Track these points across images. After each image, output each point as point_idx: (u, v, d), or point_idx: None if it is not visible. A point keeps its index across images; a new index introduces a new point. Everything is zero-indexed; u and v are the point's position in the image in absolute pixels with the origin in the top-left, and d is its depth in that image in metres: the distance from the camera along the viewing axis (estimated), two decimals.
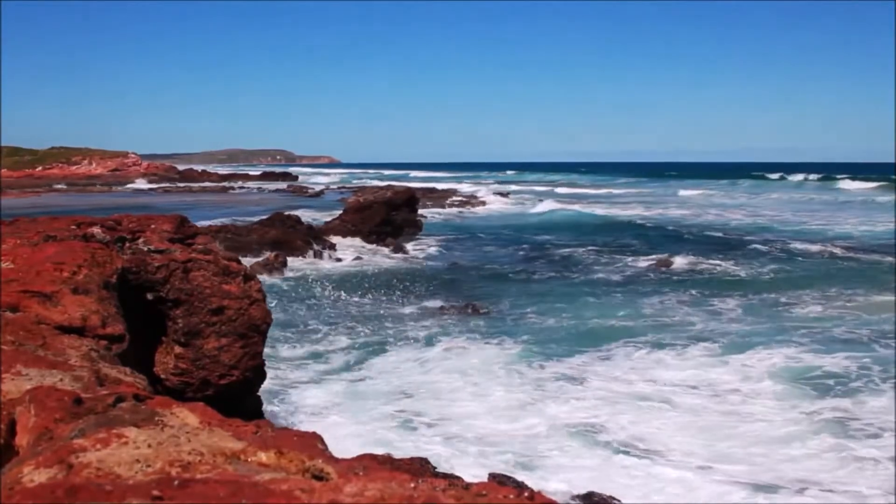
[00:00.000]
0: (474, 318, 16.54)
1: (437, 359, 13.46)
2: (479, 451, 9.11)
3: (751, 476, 8.24)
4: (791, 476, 8.26)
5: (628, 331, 15.12)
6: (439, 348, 14.17)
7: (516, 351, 13.75)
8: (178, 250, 4.72)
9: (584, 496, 6.75)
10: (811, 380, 11.52)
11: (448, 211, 48.09)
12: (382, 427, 9.88)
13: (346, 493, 1.32)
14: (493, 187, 75.47)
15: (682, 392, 11.26)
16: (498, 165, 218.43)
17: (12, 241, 4.01)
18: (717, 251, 27.05)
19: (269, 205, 45.27)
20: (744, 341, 13.88)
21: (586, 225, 39.31)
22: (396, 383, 11.94)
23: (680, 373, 12.18)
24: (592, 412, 10.45)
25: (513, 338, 14.72)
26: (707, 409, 10.48)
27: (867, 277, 20.77)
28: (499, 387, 11.76)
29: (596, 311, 17.11)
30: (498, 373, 12.40)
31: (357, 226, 29.48)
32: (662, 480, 8.18)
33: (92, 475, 1.37)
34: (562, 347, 14.00)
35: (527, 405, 10.88)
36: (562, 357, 13.30)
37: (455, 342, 14.56)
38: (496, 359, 13.30)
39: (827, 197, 61.83)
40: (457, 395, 11.37)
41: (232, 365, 4.85)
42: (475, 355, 13.60)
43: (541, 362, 13.05)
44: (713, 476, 8.25)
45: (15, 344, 2.62)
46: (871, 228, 36.05)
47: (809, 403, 10.46)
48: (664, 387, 11.50)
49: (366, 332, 15.46)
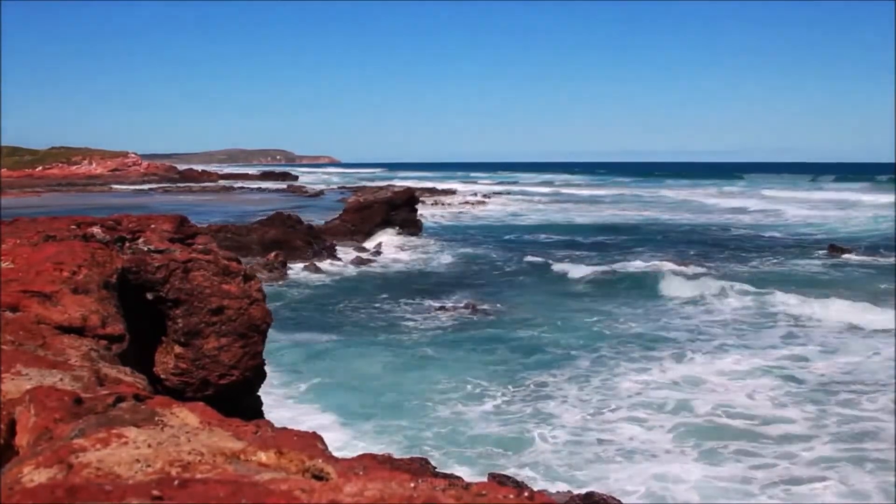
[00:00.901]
0: (474, 318, 16.54)
1: (436, 358, 13.46)
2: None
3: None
4: None
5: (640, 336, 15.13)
6: (439, 347, 14.17)
7: (513, 354, 13.75)
8: (178, 250, 4.71)
9: (584, 496, 6.75)
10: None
11: (448, 211, 48.10)
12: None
13: (346, 492, 1.32)
14: (494, 188, 75.47)
15: (671, 390, 11.28)
16: (498, 165, 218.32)
17: (12, 240, 4.00)
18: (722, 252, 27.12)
19: (268, 205, 45.27)
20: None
21: (586, 225, 39.34)
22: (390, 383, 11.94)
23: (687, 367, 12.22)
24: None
25: (511, 339, 14.73)
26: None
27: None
28: (496, 389, 11.76)
29: (586, 313, 17.11)
30: (491, 377, 12.37)
31: (357, 226, 29.46)
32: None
33: (92, 475, 1.37)
34: (558, 349, 14.01)
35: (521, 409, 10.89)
36: (553, 359, 13.30)
37: (454, 342, 14.56)
38: (493, 360, 13.31)
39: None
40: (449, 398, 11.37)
41: (232, 365, 4.85)
42: (474, 355, 13.60)
43: (538, 363, 13.06)
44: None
45: (15, 344, 2.62)
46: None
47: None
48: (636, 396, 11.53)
49: (363, 333, 15.45)
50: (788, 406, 10.57)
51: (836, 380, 11.70)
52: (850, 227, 36.87)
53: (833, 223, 38.64)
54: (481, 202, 55.50)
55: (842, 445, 9.15)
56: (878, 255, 25.86)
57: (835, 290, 18.64)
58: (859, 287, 19.54)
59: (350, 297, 19.17)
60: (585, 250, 28.45)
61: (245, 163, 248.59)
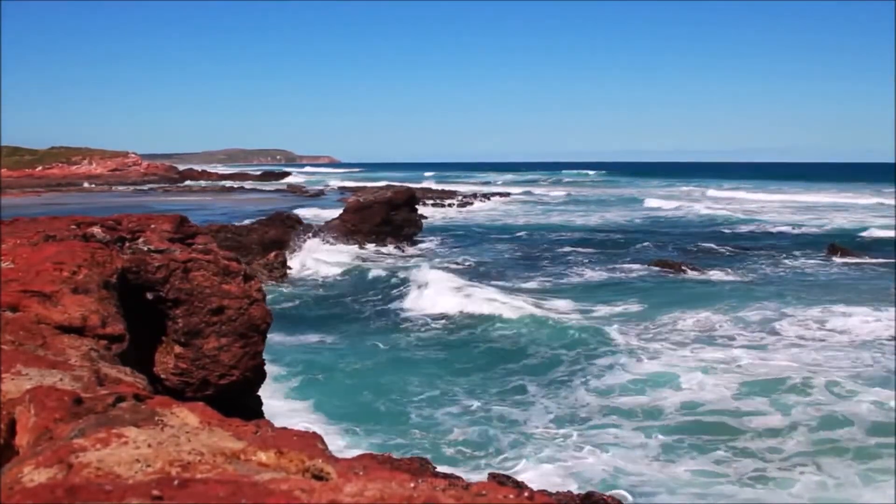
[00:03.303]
0: (473, 318, 16.53)
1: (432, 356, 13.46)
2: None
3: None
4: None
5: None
6: (437, 347, 14.18)
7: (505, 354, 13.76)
8: (178, 250, 4.71)
9: (583, 496, 6.74)
10: None
11: (447, 211, 48.12)
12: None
13: (345, 492, 1.32)
14: (493, 188, 75.44)
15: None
16: (499, 165, 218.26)
17: (12, 240, 4.00)
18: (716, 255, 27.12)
19: (268, 205, 45.25)
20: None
21: (584, 225, 39.35)
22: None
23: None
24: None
25: (508, 339, 14.74)
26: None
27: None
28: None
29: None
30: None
31: (357, 226, 29.44)
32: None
33: (92, 475, 1.37)
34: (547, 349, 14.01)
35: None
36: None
37: (454, 341, 14.57)
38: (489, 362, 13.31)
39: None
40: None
41: (232, 365, 4.85)
42: (474, 354, 13.61)
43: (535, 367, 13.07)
44: None
45: (15, 344, 2.62)
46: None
47: None
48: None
49: (362, 333, 15.45)
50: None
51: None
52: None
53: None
54: (482, 202, 55.53)
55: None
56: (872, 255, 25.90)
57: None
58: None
59: (349, 297, 19.17)
60: (588, 249, 28.45)
61: (245, 163, 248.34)
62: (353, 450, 8.26)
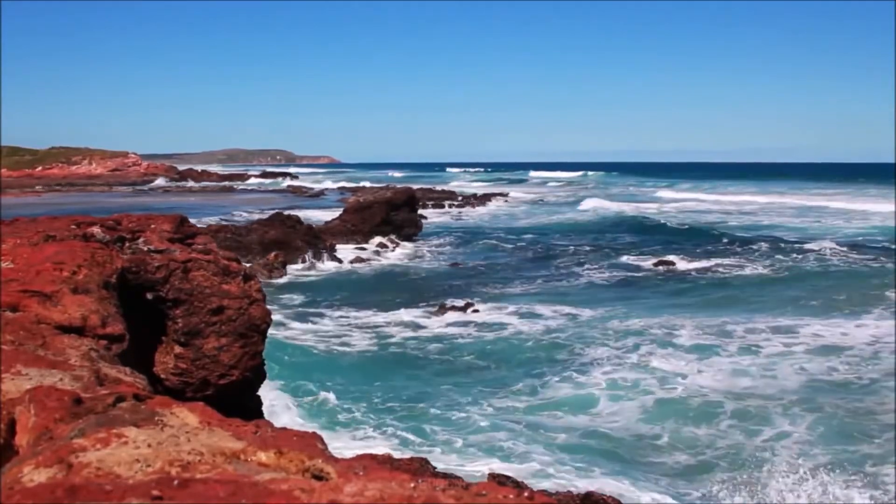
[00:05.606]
0: (471, 318, 16.54)
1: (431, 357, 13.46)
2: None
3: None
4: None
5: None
6: (436, 346, 14.18)
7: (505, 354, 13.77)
8: (177, 250, 4.71)
9: (583, 496, 6.74)
10: None
11: (447, 211, 48.13)
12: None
13: (345, 492, 1.32)
14: (494, 188, 75.42)
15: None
16: (499, 165, 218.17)
17: (12, 240, 4.00)
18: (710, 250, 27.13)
19: (269, 205, 45.26)
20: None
21: (583, 225, 39.34)
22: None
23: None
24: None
25: (506, 338, 14.75)
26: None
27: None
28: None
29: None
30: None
31: (357, 226, 29.43)
32: None
33: (92, 475, 1.37)
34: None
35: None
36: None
37: (453, 342, 14.57)
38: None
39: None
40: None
41: (232, 365, 4.85)
42: (472, 354, 13.61)
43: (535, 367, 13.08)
44: None
45: (15, 344, 2.62)
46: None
47: None
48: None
49: (361, 333, 15.45)
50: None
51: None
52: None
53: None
54: (482, 202, 55.51)
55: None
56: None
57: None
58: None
59: (349, 297, 19.16)
60: (586, 248, 28.43)
61: (245, 163, 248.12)
62: (353, 450, 8.29)
